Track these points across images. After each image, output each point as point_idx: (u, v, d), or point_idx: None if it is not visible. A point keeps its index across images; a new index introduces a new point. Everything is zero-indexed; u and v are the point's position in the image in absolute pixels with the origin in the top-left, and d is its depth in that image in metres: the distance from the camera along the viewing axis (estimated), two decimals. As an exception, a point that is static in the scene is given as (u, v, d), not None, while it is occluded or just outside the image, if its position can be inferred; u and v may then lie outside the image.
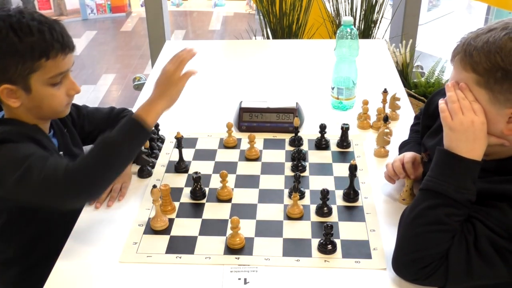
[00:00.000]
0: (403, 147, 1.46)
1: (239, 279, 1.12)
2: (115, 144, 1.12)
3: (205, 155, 1.54)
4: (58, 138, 1.36)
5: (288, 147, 1.57)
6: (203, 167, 1.47)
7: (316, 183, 1.41)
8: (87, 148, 1.55)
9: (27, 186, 1.11)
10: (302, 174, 1.42)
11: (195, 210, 1.33)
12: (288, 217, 1.29)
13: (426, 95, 2.86)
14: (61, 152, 1.33)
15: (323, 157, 1.52)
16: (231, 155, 1.54)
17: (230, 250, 1.19)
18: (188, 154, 1.53)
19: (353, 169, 1.32)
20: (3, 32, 1.14)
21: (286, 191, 1.38)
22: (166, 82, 1.21)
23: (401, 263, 1.09)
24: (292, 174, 1.39)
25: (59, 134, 1.36)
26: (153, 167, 1.48)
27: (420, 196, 1.09)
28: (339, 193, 1.36)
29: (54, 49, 1.18)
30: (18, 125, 1.24)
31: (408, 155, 1.34)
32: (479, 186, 1.06)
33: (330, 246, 1.17)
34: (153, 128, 1.57)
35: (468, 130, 1.05)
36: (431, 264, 1.04)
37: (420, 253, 1.05)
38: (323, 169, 1.47)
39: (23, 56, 1.16)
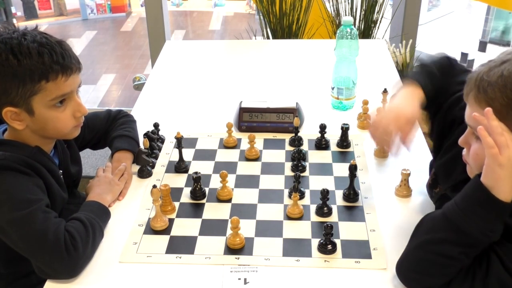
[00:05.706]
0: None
1: (239, 279, 1.12)
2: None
3: (205, 155, 1.54)
4: (60, 156, 1.35)
5: (288, 147, 1.57)
6: (203, 167, 1.47)
7: (316, 183, 1.41)
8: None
9: (21, 232, 1.12)
10: (302, 174, 1.42)
11: (195, 210, 1.33)
12: (288, 217, 1.29)
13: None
14: (61, 171, 1.32)
15: (323, 157, 1.52)
16: (231, 155, 1.54)
17: (230, 250, 1.19)
18: (188, 154, 1.53)
19: (353, 169, 1.32)
20: (3, 55, 1.14)
21: (286, 191, 1.38)
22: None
23: (406, 275, 1.08)
24: (292, 174, 1.39)
25: (60, 152, 1.35)
26: (153, 167, 1.48)
27: (443, 221, 1.02)
28: (339, 193, 1.36)
29: (54, 71, 1.16)
30: (18, 148, 1.22)
31: (405, 115, 1.22)
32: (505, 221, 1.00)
33: (330, 246, 1.17)
34: (154, 127, 1.58)
35: None
36: (434, 286, 1.04)
37: (425, 277, 1.04)
38: (323, 169, 1.47)
39: (23, 79, 1.15)
